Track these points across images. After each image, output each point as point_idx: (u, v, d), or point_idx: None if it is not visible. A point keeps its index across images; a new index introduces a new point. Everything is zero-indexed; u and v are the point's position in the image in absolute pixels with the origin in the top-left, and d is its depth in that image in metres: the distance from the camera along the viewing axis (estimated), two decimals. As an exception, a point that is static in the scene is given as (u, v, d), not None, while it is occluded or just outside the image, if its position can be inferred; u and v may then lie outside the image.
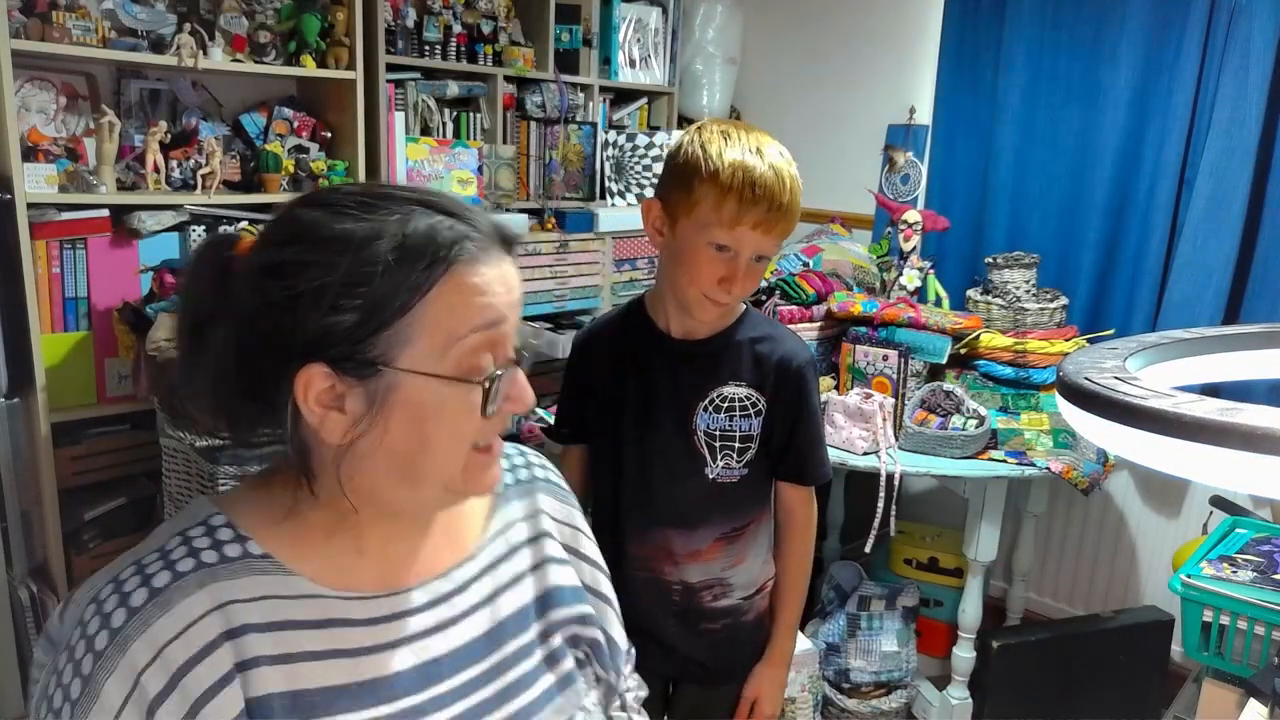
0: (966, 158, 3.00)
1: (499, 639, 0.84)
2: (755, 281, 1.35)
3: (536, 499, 0.94)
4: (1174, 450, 0.58)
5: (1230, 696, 1.58)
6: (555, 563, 0.91)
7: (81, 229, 2.21)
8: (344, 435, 0.72)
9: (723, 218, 1.27)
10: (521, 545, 0.91)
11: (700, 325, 1.41)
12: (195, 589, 0.71)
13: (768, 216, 1.27)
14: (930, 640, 2.72)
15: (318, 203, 0.74)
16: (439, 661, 0.80)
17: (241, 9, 2.38)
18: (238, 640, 0.71)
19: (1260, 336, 0.82)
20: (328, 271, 0.70)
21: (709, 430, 1.41)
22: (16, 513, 2.22)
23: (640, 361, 1.44)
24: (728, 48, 3.52)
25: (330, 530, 0.77)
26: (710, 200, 1.28)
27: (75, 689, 0.68)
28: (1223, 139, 2.43)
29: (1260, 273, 2.47)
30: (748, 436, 1.42)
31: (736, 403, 1.41)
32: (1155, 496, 2.75)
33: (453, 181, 2.84)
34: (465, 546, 0.86)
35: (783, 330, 1.48)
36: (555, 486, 0.98)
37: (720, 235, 1.28)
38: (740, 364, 1.41)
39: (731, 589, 1.49)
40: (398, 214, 0.72)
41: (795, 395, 1.42)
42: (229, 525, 0.75)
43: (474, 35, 2.90)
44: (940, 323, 2.34)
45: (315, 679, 0.73)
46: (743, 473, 1.44)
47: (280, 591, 0.74)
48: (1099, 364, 0.69)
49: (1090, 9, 2.67)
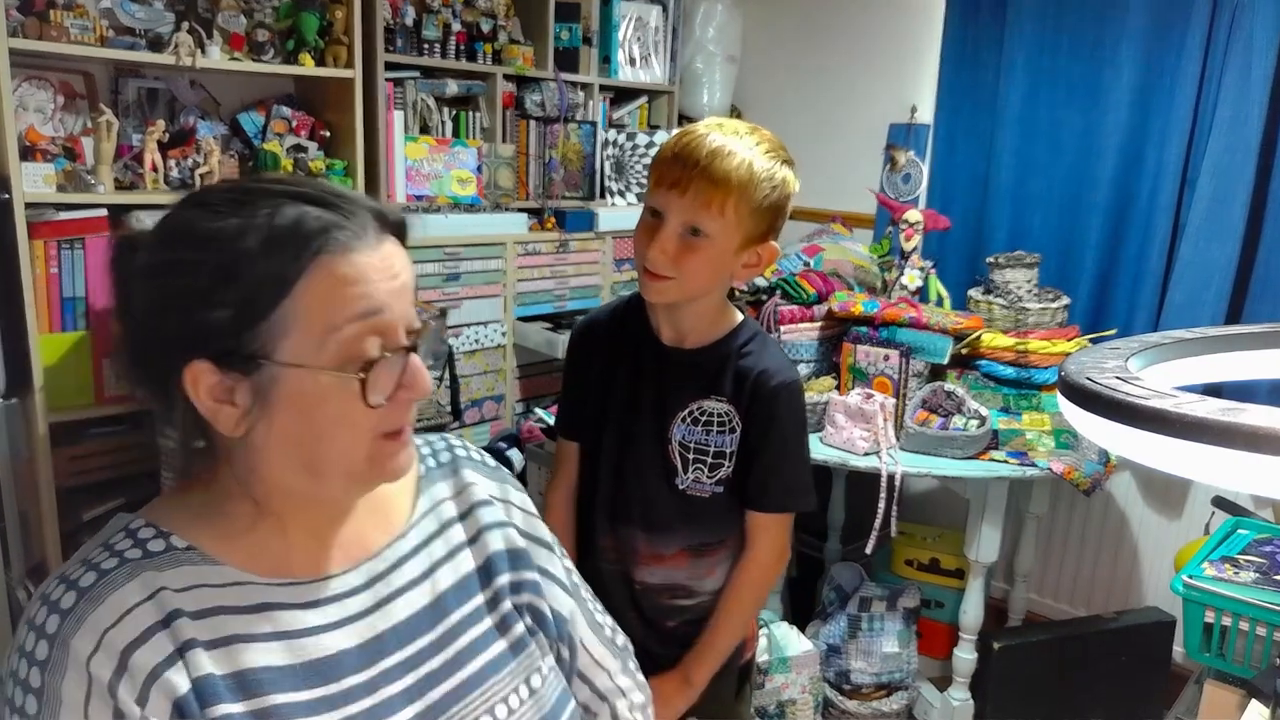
0: (968, 157, 2.99)
1: (443, 609, 0.86)
2: (693, 261, 1.28)
3: (462, 475, 0.95)
4: (1176, 451, 0.58)
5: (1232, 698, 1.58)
6: (493, 529, 0.92)
7: (79, 229, 2.20)
8: (237, 427, 0.74)
9: (651, 181, 1.30)
10: (453, 520, 0.92)
11: (688, 330, 1.39)
12: (125, 580, 0.72)
13: (683, 175, 1.24)
14: (931, 641, 2.72)
15: (193, 202, 0.76)
16: (381, 638, 0.81)
17: (239, 7, 2.38)
18: (172, 626, 0.72)
19: (1262, 336, 0.82)
20: (199, 269, 0.71)
21: (684, 441, 1.40)
22: (14, 513, 2.22)
23: (630, 362, 1.44)
24: (728, 46, 3.52)
25: (252, 521, 0.79)
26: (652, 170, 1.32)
27: (31, 706, 0.69)
28: (1225, 138, 2.43)
29: (1262, 273, 2.46)
30: (720, 453, 1.39)
31: (715, 418, 1.39)
32: (1157, 497, 2.74)
33: (452, 181, 2.84)
34: (394, 526, 0.87)
35: (772, 350, 1.44)
36: (480, 464, 0.98)
37: (649, 199, 1.31)
38: (723, 379, 1.38)
39: (695, 594, 1.47)
40: (267, 207, 0.73)
41: (766, 415, 1.38)
42: (150, 525, 0.77)
43: (473, 34, 2.90)
44: (941, 323, 2.34)
45: (255, 660, 0.74)
46: (715, 489, 1.41)
47: (209, 580, 0.75)
48: (1101, 364, 0.69)
49: (1092, 9, 2.67)
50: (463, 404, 2.79)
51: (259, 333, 0.71)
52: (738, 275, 1.35)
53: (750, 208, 1.26)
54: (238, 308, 0.71)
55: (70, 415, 2.25)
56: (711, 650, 1.45)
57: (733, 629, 1.46)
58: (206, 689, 0.71)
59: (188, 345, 0.72)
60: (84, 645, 0.69)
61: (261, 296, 0.71)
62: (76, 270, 2.23)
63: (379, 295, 0.74)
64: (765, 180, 1.26)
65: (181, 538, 0.76)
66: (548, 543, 0.99)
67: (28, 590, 2.23)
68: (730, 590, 1.46)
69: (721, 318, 1.41)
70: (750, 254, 1.32)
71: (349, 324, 0.72)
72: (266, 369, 0.71)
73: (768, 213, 1.29)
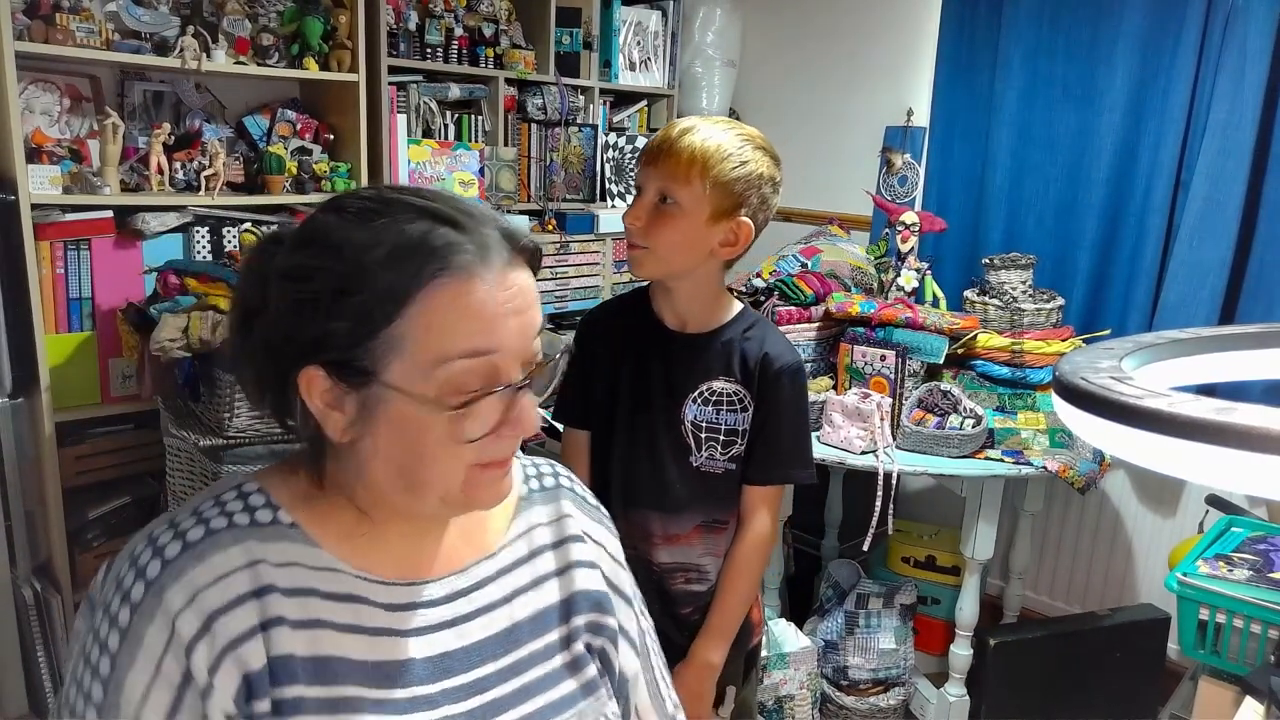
0: (964, 159, 3.01)
1: (515, 639, 0.85)
2: (665, 231, 1.37)
3: (561, 504, 0.93)
4: (1170, 449, 0.58)
5: (1226, 694, 1.59)
6: (581, 566, 0.91)
7: (85, 230, 2.22)
8: (344, 434, 0.75)
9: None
10: (545, 549, 0.90)
11: (689, 315, 1.46)
12: (230, 544, 0.74)
13: (658, 149, 1.37)
14: (927, 638, 2.73)
15: (333, 207, 0.76)
16: (451, 655, 0.80)
17: (244, 12, 2.39)
18: (264, 599, 0.73)
19: (1255, 337, 0.81)
20: (325, 276, 0.72)
21: (696, 421, 1.46)
22: (20, 512, 2.22)
23: (637, 349, 1.49)
24: (727, 50, 3.53)
25: (352, 518, 0.79)
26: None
27: (114, 642, 0.71)
28: (1219, 140, 2.45)
29: (1256, 273, 2.48)
30: (733, 431, 1.46)
31: (725, 397, 1.46)
32: (1151, 495, 2.76)
33: (454, 183, 2.85)
34: (486, 545, 0.87)
35: (775, 333, 1.51)
36: (581, 499, 0.96)
37: (638, 177, 1.42)
38: (731, 360, 1.45)
39: (706, 576, 1.52)
40: (396, 221, 0.72)
41: (772, 396, 1.45)
42: (261, 493, 0.78)
43: (475, 38, 2.92)
44: (937, 323, 2.35)
45: (336, 648, 0.75)
46: (728, 466, 1.48)
47: (306, 561, 0.76)
48: (1095, 364, 0.69)
49: (1087, 11, 2.69)
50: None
51: (370, 348, 0.71)
52: (716, 253, 1.40)
53: (716, 179, 1.34)
54: (354, 320, 0.71)
55: (76, 415, 2.27)
56: (722, 627, 1.51)
57: (740, 600, 1.52)
58: (283, 668, 0.72)
59: (308, 349, 0.72)
60: (177, 599, 0.71)
61: (376, 312, 0.70)
62: (83, 271, 2.24)
63: (496, 333, 0.73)
64: (733, 155, 1.35)
65: (288, 513, 0.77)
66: (628, 596, 0.96)
67: (33, 588, 2.24)
68: (732, 564, 1.52)
69: (721, 304, 1.48)
70: (725, 230, 1.38)
71: (459, 359, 0.71)
72: (374, 386, 0.72)
73: (735, 185, 1.35)
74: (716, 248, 1.39)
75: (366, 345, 0.71)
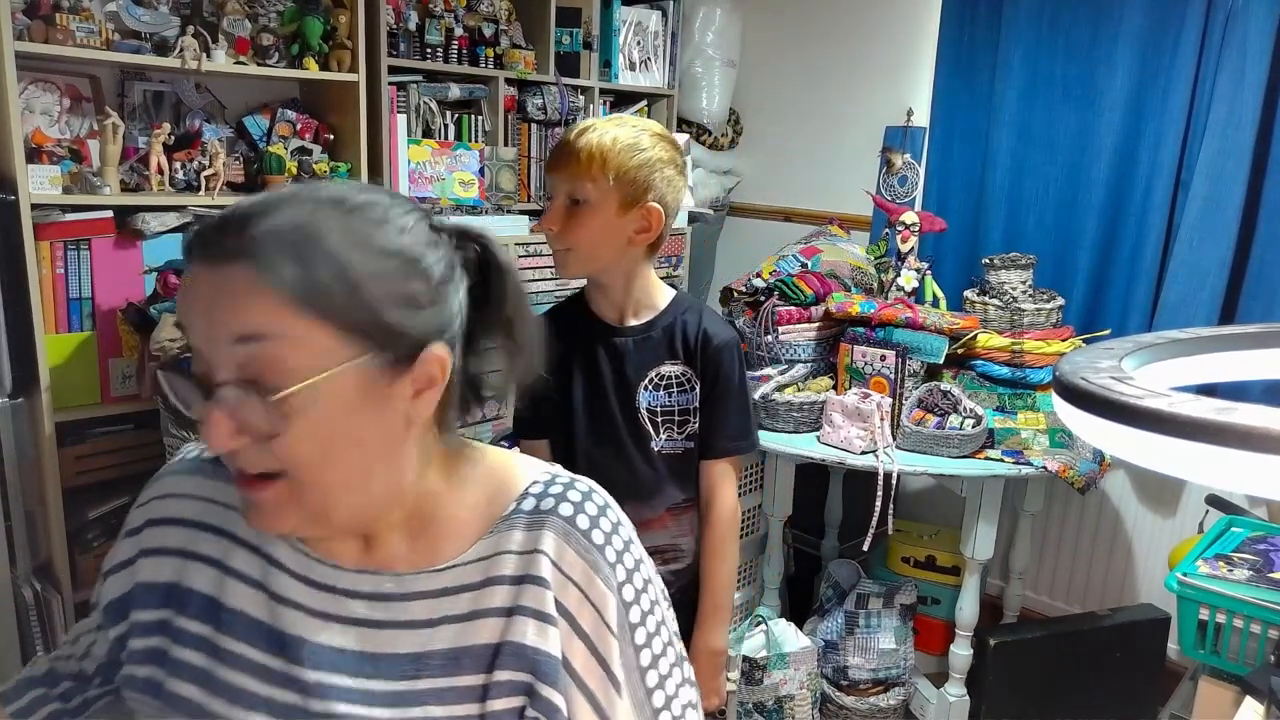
0: (964, 159, 3.01)
1: (419, 668, 0.75)
2: (580, 230, 1.44)
3: (543, 535, 0.77)
4: (1170, 449, 0.58)
5: (1226, 694, 1.59)
6: (528, 616, 0.75)
7: (85, 230, 2.22)
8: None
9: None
10: (501, 581, 0.76)
11: (624, 307, 1.53)
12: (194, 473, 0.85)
13: (560, 156, 1.45)
14: (927, 638, 2.73)
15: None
16: (345, 654, 0.76)
17: (244, 12, 2.39)
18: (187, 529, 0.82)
19: (1255, 337, 0.81)
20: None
21: (651, 407, 1.54)
22: (20, 512, 2.22)
23: (583, 348, 1.56)
24: (727, 50, 3.53)
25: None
26: None
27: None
28: (1219, 140, 2.45)
29: (1256, 273, 2.48)
30: (685, 410, 1.55)
31: (674, 380, 1.54)
32: (1151, 495, 2.76)
33: (454, 184, 2.86)
34: (434, 558, 0.77)
35: (709, 313, 1.59)
36: (579, 536, 0.78)
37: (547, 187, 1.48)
38: (674, 343, 1.54)
39: (681, 555, 1.60)
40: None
41: (713, 373, 1.54)
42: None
43: (475, 38, 2.91)
44: (937, 323, 2.36)
45: (234, 598, 0.78)
46: (686, 445, 1.56)
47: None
48: (1095, 364, 0.69)
49: (1087, 11, 2.69)
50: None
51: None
52: (634, 241, 1.46)
53: (617, 171, 1.41)
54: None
55: (76, 415, 2.27)
56: (716, 610, 1.59)
57: (726, 581, 1.60)
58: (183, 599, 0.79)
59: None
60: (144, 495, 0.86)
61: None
62: (83, 271, 2.24)
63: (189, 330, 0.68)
64: (629, 145, 1.42)
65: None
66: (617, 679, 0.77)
67: (33, 588, 2.23)
68: (709, 548, 1.60)
69: (654, 293, 1.56)
70: (637, 219, 1.44)
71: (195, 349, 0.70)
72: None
73: (638, 173, 1.42)
74: (633, 235, 1.46)
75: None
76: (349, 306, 0.67)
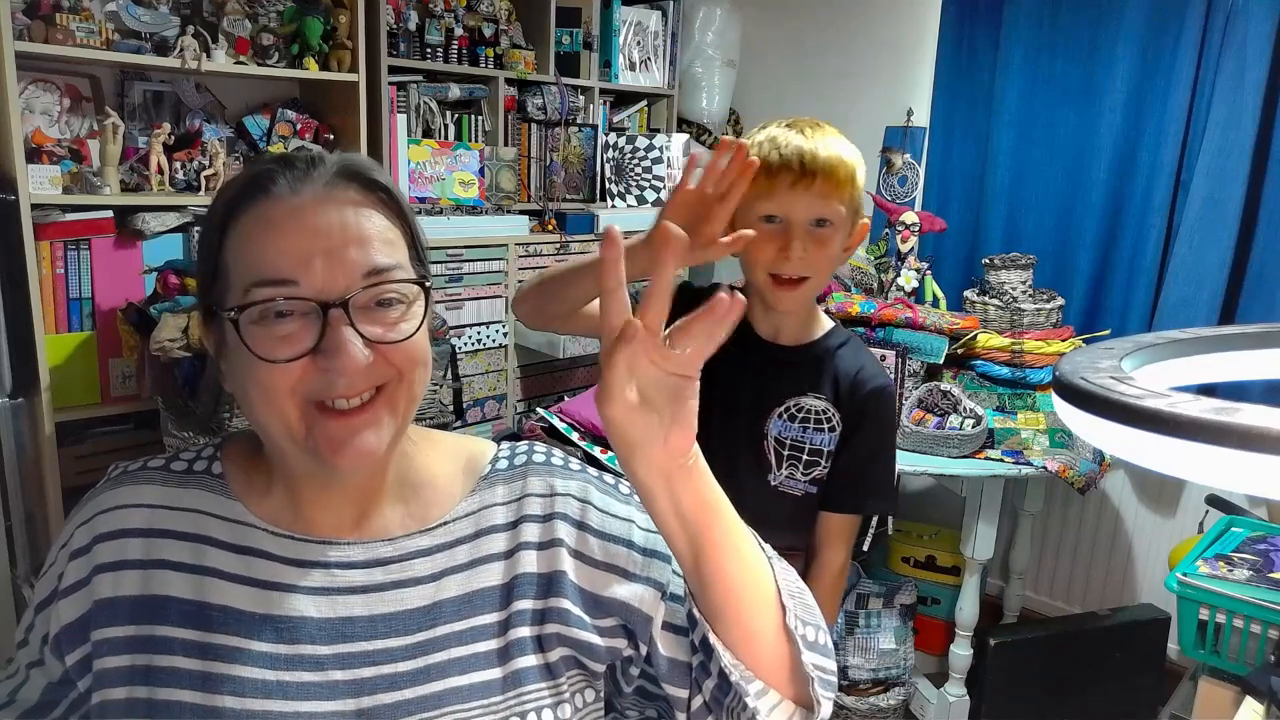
0: (963, 159, 3.01)
1: (434, 617, 0.79)
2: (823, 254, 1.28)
3: (527, 482, 0.85)
4: (1170, 449, 0.57)
5: (1226, 694, 1.59)
6: (529, 549, 0.82)
7: (85, 230, 2.22)
8: (226, 381, 0.78)
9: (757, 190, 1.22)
10: (496, 530, 0.83)
11: (785, 327, 1.38)
12: (145, 483, 0.80)
13: (803, 173, 1.25)
14: (928, 638, 2.73)
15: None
16: (353, 621, 0.78)
17: (244, 12, 2.39)
18: (151, 540, 0.78)
19: (1256, 337, 0.81)
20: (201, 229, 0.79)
21: (779, 437, 1.38)
22: (20, 512, 2.22)
23: (728, 357, 1.42)
24: (727, 50, 3.54)
25: (277, 474, 0.81)
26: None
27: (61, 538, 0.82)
28: (1219, 140, 2.45)
29: (1256, 273, 2.48)
30: (817, 450, 1.38)
31: (813, 415, 1.37)
32: (1151, 495, 2.76)
33: (454, 183, 2.86)
34: (425, 519, 0.82)
35: (867, 353, 1.44)
36: (559, 467, 0.87)
37: (763, 208, 1.27)
38: (821, 377, 1.37)
39: None
40: (250, 167, 0.77)
41: (860, 418, 1.37)
42: (216, 447, 0.85)
43: (475, 38, 2.92)
44: (937, 323, 2.36)
45: (221, 596, 0.77)
46: (808, 489, 1.39)
47: (214, 510, 0.80)
48: (1095, 364, 0.68)
49: (1087, 11, 2.69)
50: (465, 404, 2.80)
51: (214, 285, 0.74)
52: (842, 260, 1.36)
53: (856, 187, 1.29)
54: (201, 259, 0.76)
55: (76, 415, 2.27)
56: None
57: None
58: (161, 608, 0.76)
59: (198, 300, 0.80)
60: (85, 513, 0.80)
61: (208, 246, 0.75)
62: (83, 271, 2.24)
63: (298, 255, 0.71)
64: (852, 154, 1.30)
65: (222, 465, 0.82)
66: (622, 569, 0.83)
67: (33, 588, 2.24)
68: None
69: (815, 318, 1.41)
70: (855, 235, 1.33)
71: (267, 281, 0.70)
72: (217, 319, 0.74)
73: (862, 189, 1.32)
74: (841, 254, 1.32)
75: (211, 282, 0.75)
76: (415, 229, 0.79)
